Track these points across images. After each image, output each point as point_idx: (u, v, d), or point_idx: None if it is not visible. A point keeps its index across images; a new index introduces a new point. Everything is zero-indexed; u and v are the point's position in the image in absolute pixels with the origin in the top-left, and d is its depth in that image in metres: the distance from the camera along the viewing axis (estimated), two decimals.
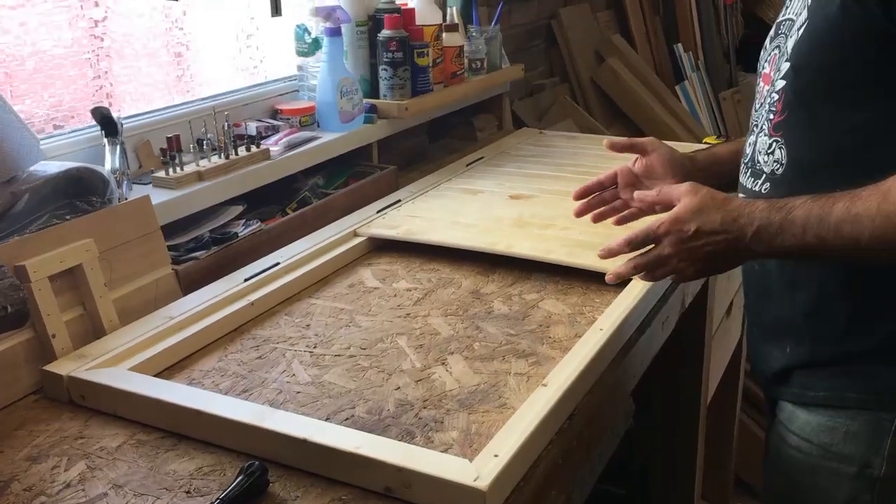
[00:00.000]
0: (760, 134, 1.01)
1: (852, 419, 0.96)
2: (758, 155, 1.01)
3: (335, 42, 1.70)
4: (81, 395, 1.00)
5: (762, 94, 1.03)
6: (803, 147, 0.95)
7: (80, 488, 0.85)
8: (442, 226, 1.45)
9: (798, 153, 0.96)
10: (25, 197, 1.11)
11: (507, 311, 1.20)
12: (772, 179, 0.99)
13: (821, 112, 0.93)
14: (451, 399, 0.98)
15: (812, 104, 0.94)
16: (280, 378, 1.04)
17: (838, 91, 0.91)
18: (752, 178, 1.02)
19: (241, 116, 1.65)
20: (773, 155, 0.98)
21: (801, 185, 0.94)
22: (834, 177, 0.91)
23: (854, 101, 0.90)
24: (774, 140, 0.98)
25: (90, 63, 1.47)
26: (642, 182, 1.22)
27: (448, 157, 1.98)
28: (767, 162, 0.99)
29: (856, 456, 0.96)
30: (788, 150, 0.96)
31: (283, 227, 1.44)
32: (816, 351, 0.99)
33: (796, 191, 0.92)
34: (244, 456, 0.88)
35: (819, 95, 0.93)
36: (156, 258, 1.22)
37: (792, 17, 0.98)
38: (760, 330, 1.09)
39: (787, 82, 0.96)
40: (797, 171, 0.96)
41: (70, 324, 1.08)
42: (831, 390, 0.98)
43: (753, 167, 1.02)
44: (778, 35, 1.01)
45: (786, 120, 0.96)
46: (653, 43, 3.27)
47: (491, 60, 2.11)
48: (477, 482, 0.78)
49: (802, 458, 1.01)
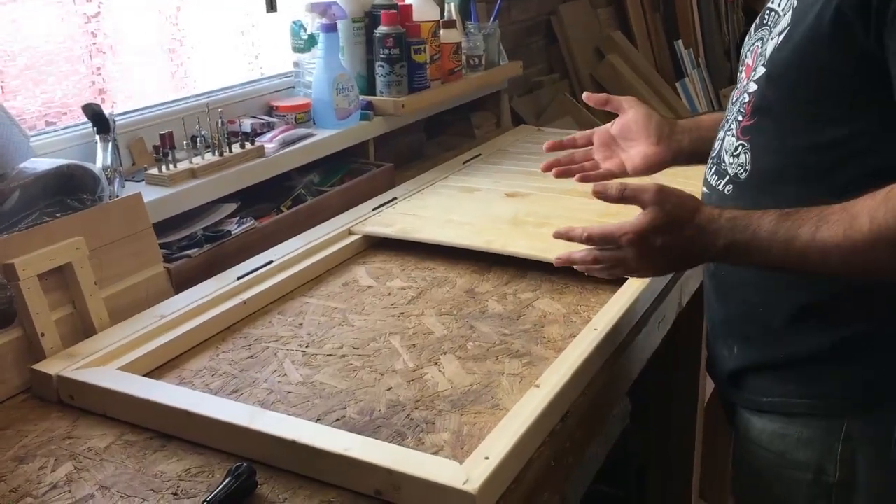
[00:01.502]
0: (729, 133, 0.98)
1: (804, 426, 0.94)
2: (724, 154, 0.98)
3: (331, 38, 1.69)
4: (70, 395, 0.99)
5: (739, 88, 0.99)
6: (768, 157, 0.92)
7: (67, 489, 0.84)
8: (437, 224, 1.44)
9: (762, 162, 0.93)
10: (15, 194, 1.10)
11: (501, 310, 1.19)
12: (735, 182, 0.96)
13: (789, 125, 0.90)
14: (443, 400, 0.97)
15: (781, 115, 0.91)
16: (271, 378, 1.03)
17: (808, 107, 0.88)
18: (717, 177, 0.99)
19: (235, 113, 1.64)
20: (738, 158, 0.95)
21: (763, 194, 0.92)
22: (797, 191, 0.89)
23: (823, 119, 0.87)
24: (741, 144, 0.95)
25: (83, 59, 1.46)
26: (618, 143, 1.19)
27: (445, 155, 1.97)
28: (732, 164, 0.96)
29: (811, 463, 0.94)
30: (753, 157, 0.93)
31: (276, 225, 1.43)
32: (763, 353, 0.97)
33: (758, 199, 0.91)
34: (233, 457, 0.87)
35: (788, 108, 0.90)
36: (147, 256, 1.21)
37: (778, 9, 0.94)
38: (712, 329, 1.07)
39: (759, 88, 0.92)
40: (760, 180, 0.93)
41: (59, 323, 1.07)
42: (781, 396, 0.96)
43: (719, 165, 0.99)
44: (763, 25, 0.98)
45: (754, 126, 0.93)
46: (653, 40, 3.25)
47: (489, 57, 2.09)
48: (466, 485, 0.77)
49: (762, 466, 0.99)
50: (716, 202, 0.97)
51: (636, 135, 1.16)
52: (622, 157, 1.18)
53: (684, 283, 1.35)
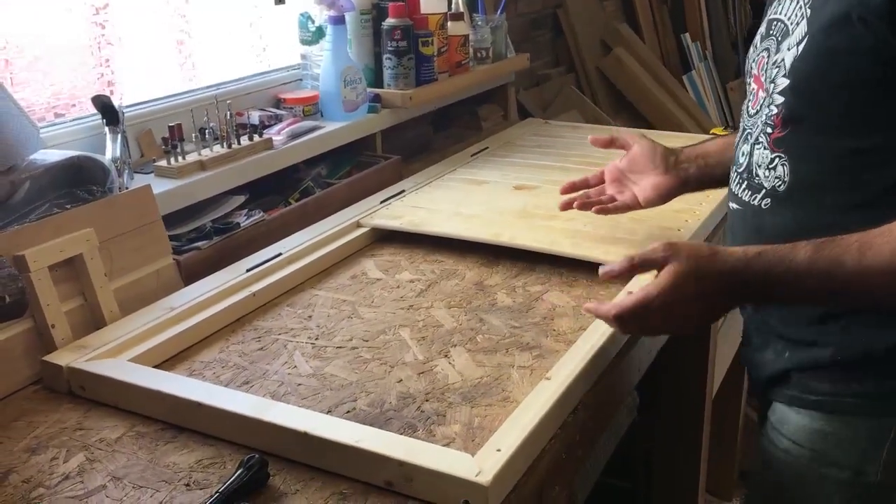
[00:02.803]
0: (758, 146, 0.96)
1: (847, 424, 0.92)
2: (756, 168, 0.96)
3: (339, 31, 1.69)
4: (81, 386, 0.99)
5: (756, 100, 0.97)
6: (806, 166, 0.91)
7: (79, 480, 0.84)
8: (445, 217, 1.44)
9: (802, 172, 0.91)
10: (25, 186, 1.10)
11: (510, 303, 1.19)
12: (773, 196, 0.94)
13: (824, 133, 0.89)
14: (453, 392, 0.97)
15: (815, 124, 0.89)
16: (281, 370, 1.03)
17: (841, 114, 0.87)
18: (750, 192, 0.97)
19: (243, 105, 1.64)
20: (776, 171, 0.93)
21: (804, 204, 0.91)
22: (839, 199, 0.88)
23: (858, 125, 0.86)
24: (777, 156, 0.93)
25: (91, 51, 1.46)
26: (628, 177, 1.24)
27: (452, 148, 1.97)
28: (768, 177, 0.94)
29: (849, 462, 0.92)
30: (792, 168, 0.92)
31: (285, 217, 1.43)
32: (818, 355, 0.94)
33: (799, 209, 0.91)
34: (244, 449, 0.87)
35: (821, 117, 0.89)
36: (157, 248, 1.21)
37: (785, 20, 0.93)
38: (759, 334, 1.04)
39: (787, 100, 0.91)
40: (801, 190, 0.92)
41: (70, 314, 1.08)
42: (830, 395, 0.93)
43: (751, 180, 0.97)
44: (769, 36, 0.96)
45: (787, 137, 0.92)
46: (660, 32, 3.24)
47: (496, 50, 2.09)
48: (479, 477, 0.77)
49: (792, 461, 0.97)
50: (750, 218, 0.96)
51: (644, 167, 1.20)
52: (634, 189, 1.23)
53: None
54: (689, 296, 0.87)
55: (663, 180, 1.20)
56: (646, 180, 1.21)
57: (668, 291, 0.87)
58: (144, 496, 0.81)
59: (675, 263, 0.87)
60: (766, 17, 0.99)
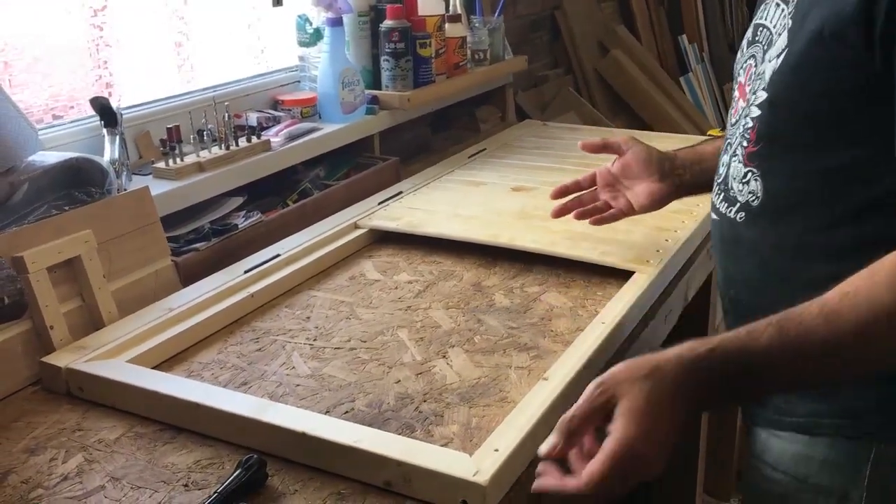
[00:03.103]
0: (734, 158, 0.93)
1: (830, 447, 0.88)
2: (731, 180, 0.94)
3: (337, 32, 1.69)
4: (80, 387, 0.99)
5: (737, 110, 0.95)
6: (779, 183, 0.88)
7: (78, 481, 0.84)
8: (443, 218, 1.45)
9: (774, 188, 0.88)
10: (24, 187, 1.11)
11: (508, 304, 1.20)
12: (747, 210, 0.91)
13: (798, 150, 0.86)
14: (451, 392, 0.97)
15: (789, 141, 0.86)
16: (280, 371, 1.03)
17: (817, 131, 0.84)
18: (726, 204, 0.95)
19: (241, 107, 1.64)
20: (749, 185, 0.90)
21: (778, 221, 0.88)
22: (813, 216, 0.85)
23: (832, 143, 0.83)
24: (750, 170, 0.90)
25: (90, 52, 1.46)
26: (621, 182, 1.21)
27: (450, 149, 1.97)
28: (742, 191, 0.91)
29: (834, 487, 0.87)
30: (764, 184, 0.89)
31: (283, 218, 1.44)
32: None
33: (772, 226, 0.88)
34: (243, 449, 0.87)
35: (796, 133, 0.86)
36: (155, 249, 1.22)
37: (770, 27, 0.90)
38: None
39: (763, 114, 0.88)
40: (774, 206, 0.89)
41: (68, 315, 1.08)
42: (807, 416, 0.89)
43: (727, 192, 0.95)
44: (755, 42, 0.93)
45: (761, 152, 0.89)
46: (657, 34, 3.25)
47: (494, 51, 2.09)
48: (476, 477, 0.77)
49: (779, 490, 0.93)
50: (727, 230, 0.94)
51: (638, 173, 1.18)
52: (627, 195, 1.20)
53: (691, 277, 1.36)
54: (654, 427, 0.73)
55: (658, 187, 1.17)
56: (640, 186, 1.19)
57: (631, 436, 0.72)
58: (143, 497, 0.81)
59: (623, 403, 0.74)
60: (752, 21, 0.97)
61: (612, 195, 1.22)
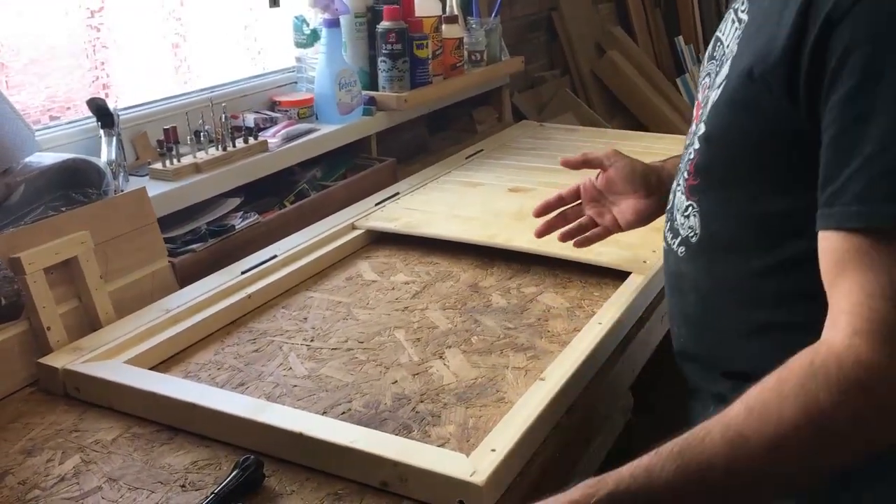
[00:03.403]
0: (678, 188, 0.88)
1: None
2: (676, 211, 0.88)
3: (334, 33, 1.69)
4: (77, 388, 0.99)
5: (689, 133, 0.88)
6: (716, 222, 0.82)
7: (75, 482, 0.84)
8: (441, 219, 1.45)
9: (711, 228, 0.83)
10: (20, 188, 1.11)
11: (505, 304, 1.20)
12: (687, 245, 0.86)
13: (734, 191, 0.80)
14: (448, 393, 0.98)
15: (724, 180, 0.81)
16: (277, 371, 1.04)
17: (750, 174, 0.78)
18: (671, 234, 0.90)
19: (238, 108, 1.64)
20: (689, 220, 0.85)
21: (717, 261, 0.83)
22: (753, 258, 0.79)
23: (767, 188, 0.77)
24: (690, 204, 0.85)
25: (86, 54, 1.46)
26: (606, 197, 1.14)
27: (447, 150, 1.97)
28: (683, 225, 0.86)
29: None
30: (702, 222, 0.83)
31: (280, 219, 1.44)
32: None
33: (711, 265, 0.83)
34: (240, 450, 0.88)
35: (731, 174, 0.80)
36: (152, 250, 1.22)
37: (724, 45, 0.83)
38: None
39: (701, 147, 0.82)
40: (711, 245, 0.83)
41: (65, 316, 1.08)
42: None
43: (672, 222, 0.90)
44: (713, 57, 0.86)
45: (699, 187, 0.84)
46: (654, 35, 3.25)
47: (491, 52, 2.10)
48: (473, 477, 0.77)
49: None
50: (672, 262, 0.90)
51: (623, 189, 1.11)
52: (613, 211, 1.14)
53: None
54: None
55: (645, 204, 1.10)
56: (625, 203, 1.12)
57: None
58: (140, 497, 0.81)
59: None
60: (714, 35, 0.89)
61: (597, 211, 1.16)
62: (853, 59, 0.65)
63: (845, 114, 0.66)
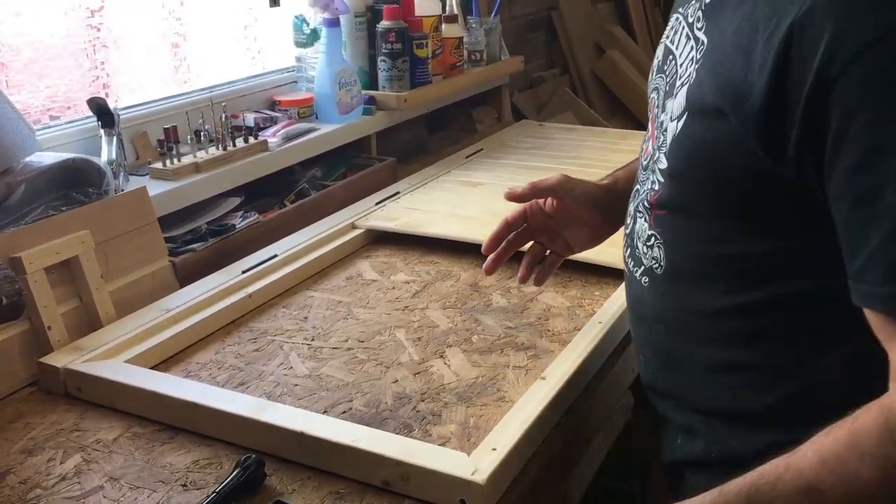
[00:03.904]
0: (640, 215, 0.84)
1: None
2: (637, 238, 0.85)
3: (333, 33, 1.69)
4: (77, 388, 0.99)
5: (647, 151, 0.84)
6: (682, 258, 0.79)
7: (76, 481, 0.84)
8: (441, 218, 1.45)
9: (677, 261, 0.79)
10: (21, 188, 1.11)
11: (505, 303, 1.20)
12: (651, 276, 0.83)
13: (702, 228, 0.76)
14: (449, 392, 0.98)
15: (692, 216, 0.77)
16: (277, 371, 1.04)
17: (720, 215, 0.74)
18: (633, 262, 0.87)
19: (238, 108, 1.64)
20: (652, 251, 0.82)
21: (682, 297, 0.80)
22: (720, 301, 0.76)
23: (738, 230, 0.74)
24: (654, 234, 0.82)
25: (86, 53, 1.46)
26: (556, 222, 1.05)
27: (447, 150, 1.97)
28: (647, 255, 0.83)
29: None
30: (667, 254, 0.80)
31: (280, 219, 1.44)
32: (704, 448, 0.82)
33: (676, 300, 0.80)
34: (241, 449, 0.88)
35: (698, 211, 0.76)
36: (153, 250, 1.22)
37: (677, 57, 0.78)
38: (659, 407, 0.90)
39: (665, 182, 0.79)
40: (677, 280, 0.80)
41: (66, 316, 1.08)
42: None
43: (633, 249, 0.86)
44: (662, 70, 0.82)
45: (664, 219, 0.80)
46: (653, 35, 3.25)
47: (490, 52, 2.10)
48: (475, 476, 0.77)
49: None
50: (636, 290, 0.87)
51: (578, 215, 1.03)
52: (565, 235, 1.06)
53: None
54: None
55: (600, 226, 1.04)
56: (579, 228, 1.05)
57: None
58: (141, 497, 0.82)
59: None
60: (663, 37, 0.85)
61: (548, 237, 1.07)
62: (857, 123, 0.60)
63: (856, 184, 0.62)
